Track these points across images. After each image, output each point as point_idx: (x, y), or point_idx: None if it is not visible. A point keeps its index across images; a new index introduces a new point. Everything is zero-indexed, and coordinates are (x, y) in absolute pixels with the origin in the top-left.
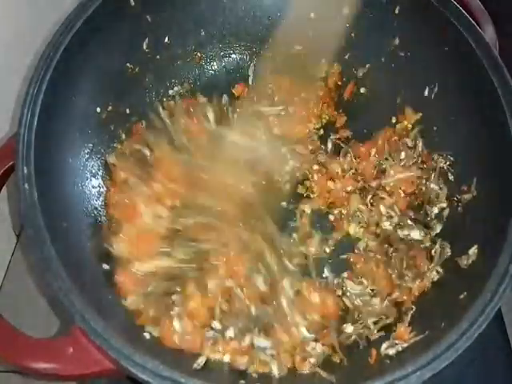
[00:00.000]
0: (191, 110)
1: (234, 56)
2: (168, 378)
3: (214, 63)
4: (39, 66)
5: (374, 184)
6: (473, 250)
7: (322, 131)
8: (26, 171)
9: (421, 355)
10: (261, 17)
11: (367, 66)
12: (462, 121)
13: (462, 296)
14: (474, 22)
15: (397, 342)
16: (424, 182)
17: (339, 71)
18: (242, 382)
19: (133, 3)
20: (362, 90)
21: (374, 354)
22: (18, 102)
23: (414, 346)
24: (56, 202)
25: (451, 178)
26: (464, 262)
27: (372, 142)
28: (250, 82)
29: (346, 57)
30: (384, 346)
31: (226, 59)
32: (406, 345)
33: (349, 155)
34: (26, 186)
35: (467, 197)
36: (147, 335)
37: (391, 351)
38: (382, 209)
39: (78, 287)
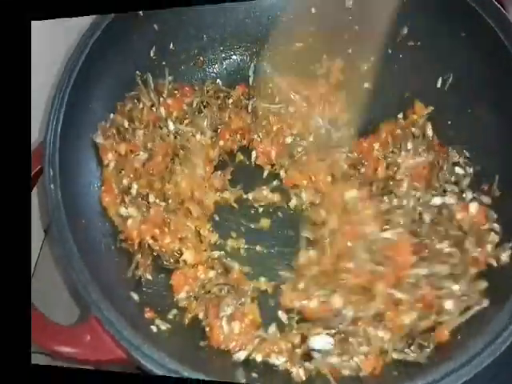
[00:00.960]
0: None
1: (234, 57)
2: (173, 370)
3: (216, 66)
4: (62, 77)
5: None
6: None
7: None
8: (51, 173)
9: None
10: (261, 17)
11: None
12: (480, 113)
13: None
14: (497, 3)
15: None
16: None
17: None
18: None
19: (141, 14)
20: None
21: None
22: (45, 111)
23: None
24: (76, 201)
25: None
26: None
27: (374, 136)
28: (251, 83)
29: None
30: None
31: (226, 61)
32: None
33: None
34: (52, 186)
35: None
36: (154, 328)
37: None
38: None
39: (95, 280)
